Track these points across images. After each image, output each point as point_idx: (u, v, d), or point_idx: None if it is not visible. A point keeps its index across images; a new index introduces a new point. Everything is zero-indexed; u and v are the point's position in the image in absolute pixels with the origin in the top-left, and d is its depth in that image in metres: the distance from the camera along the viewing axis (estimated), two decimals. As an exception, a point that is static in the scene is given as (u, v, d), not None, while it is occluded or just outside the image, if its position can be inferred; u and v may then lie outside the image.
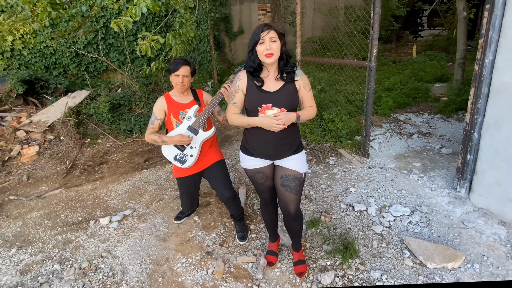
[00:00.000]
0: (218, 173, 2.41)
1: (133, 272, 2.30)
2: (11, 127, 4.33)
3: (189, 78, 2.31)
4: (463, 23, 5.08)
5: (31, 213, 3.10)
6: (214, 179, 2.42)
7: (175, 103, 2.35)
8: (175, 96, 2.38)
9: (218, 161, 2.45)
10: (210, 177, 2.45)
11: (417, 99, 5.45)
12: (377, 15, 3.05)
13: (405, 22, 10.92)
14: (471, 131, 2.64)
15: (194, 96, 2.41)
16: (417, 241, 2.31)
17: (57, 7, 2.84)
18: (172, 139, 2.25)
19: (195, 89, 2.47)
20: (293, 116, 1.76)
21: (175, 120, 2.34)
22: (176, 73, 2.25)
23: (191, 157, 2.34)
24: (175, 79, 2.28)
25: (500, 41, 2.33)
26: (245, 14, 8.19)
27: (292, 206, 1.97)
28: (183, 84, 2.28)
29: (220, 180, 2.40)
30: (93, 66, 6.38)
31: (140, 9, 2.47)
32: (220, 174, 2.41)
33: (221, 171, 2.43)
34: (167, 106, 2.35)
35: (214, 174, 2.42)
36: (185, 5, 3.11)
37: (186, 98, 2.39)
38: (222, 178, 2.41)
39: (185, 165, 2.35)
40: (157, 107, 2.36)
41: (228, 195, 2.38)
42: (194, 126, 2.30)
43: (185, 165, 2.35)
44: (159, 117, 2.35)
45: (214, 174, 2.42)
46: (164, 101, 2.35)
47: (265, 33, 1.69)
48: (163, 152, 2.39)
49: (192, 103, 2.38)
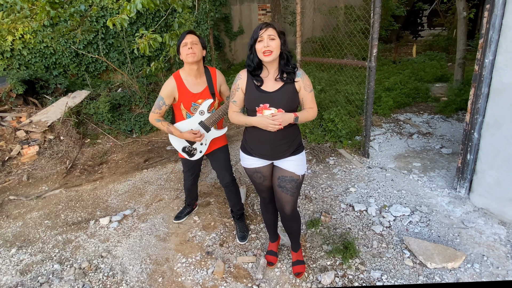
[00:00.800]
0: (221, 157, 2.44)
1: (133, 272, 2.30)
2: (11, 127, 4.32)
3: (199, 46, 2.11)
4: (463, 23, 5.08)
5: (31, 213, 3.10)
6: (217, 162, 2.44)
7: (187, 92, 2.17)
8: (187, 79, 2.18)
9: (222, 146, 2.46)
10: (213, 160, 2.46)
11: (417, 99, 5.45)
12: (377, 15, 3.05)
13: (405, 22, 10.92)
14: (471, 131, 2.64)
15: (207, 78, 2.23)
16: (417, 241, 2.31)
17: (56, 6, 2.84)
18: (182, 135, 2.18)
19: (207, 67, 2.27)
20: (290, 116, 1.75)
21: (185, 110, 2.22)
22: (184, 41, 2.07)
23: (200, 153, 2.36)
24: (184, 50, 2.07)
25: (500, 41, 2.33)
26: (245, 14, 8.19)
27: (287, 207, 1.97)
28: (193, 52, 2.06)
29: (222, 164, 2.43)
30: (93, 66, 6.37)
31: (135, 5, 2.45)
32: (223, 158, 2.44)
33: (224, 156, 2.45)
34: (178, 93, 2.16)
35: (217, 158, 2.44)
36: (182, 4, 3.10)
37: (198, 83, 2.20)
38: (224, 163, 2.44)
39: (192, 158, 2.38)
40: (166, 91, 2.16)
41: (228, 179, 2.42)
42: (206, 123, 2.24)
43: (192, 158, 2.38)
44: (168, 103, 2.19)
45: (217, 157, 2.44)
46: (175, 85, 2.16)
47: (263, 30, 1.68)
48: (171, 140, 2.35)
49: (206, 92, 2.21)
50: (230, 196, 2.50)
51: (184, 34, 2.12)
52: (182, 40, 2.10)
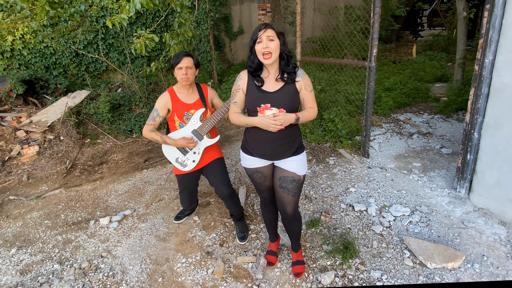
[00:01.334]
0: (217, 171, 2.42)
1: (133, 272, 2.30)
2: (11, 127, 4.32)
3: (193, 70, 2.24)
4: (463, 23, 5.08)
5: (31, 213, 3.10)
6: (213, 176, 2.43)
7: (180, 102, 2.29)
8: (180, 93, 2.31)
9: (217, 159, 2.45)
10: (209, 174, 2.45)
11: (417, 99, 5.45)
12: (377, 15, 3.05)
13: (405, 22, 10.92)
14: (471, 131, 2.64)
15: (199, 92, 2.35)
16: (417, 241, 2.31)
17: (56, 6, 2.84)
18: (176, 142, 2.23)
19: (199, 84, 2.40)
20: (292, 117, 1.75)
21: (178, 120, 2.30)
22: (179, 65, 2.18)
23: (193, 162, 2.36)
24: (179, 73, 2.20)
25: (500, 41, 2.33)
26: (245, 14, 8.19)
27: (289, 208, 1.97)
28: (187, 77, 2.20)
29: (219, 177, 2.41)
30: (93, 66, 6.38)
31: (134, 5, 2.46)
32: (219, 171, 2.42)
33: (220, 168, 2.44)
34: (172, 104, 2.27)
35: (213, 172, 2.43)
36: (180, 3, 3.10)
37: (191, 95, 2.32)
38: (221, 176, 2.42)
39: (186, 168, 2.37)
40: (161, 103, 2.27)
41: (226, 192, 2.40)
42: (199, 131, 2.28)
43: (186, 168, 2.37)
44: (162, 115, 2.29)
45: (213, 171, 2.43)
46: (169, 98, 2.27)
47: (262, 31, 1.69)
48: (164, 151, 2.37)
49: (198, 103, 2.32)
50: (230, 205, 2.50)
51: (181, 56, 2.19)
52: (178, 63, 2.19)
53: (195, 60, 2.26)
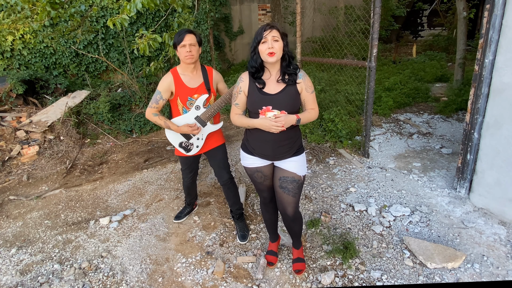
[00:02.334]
0: (219, 156, 2.46)
1: (133, 272, 2.30)
2: (11, 127, 4.33)
3: (196, 47, 2.18)
4: (463, 23, 5.08)
5: (31, 213, 3.10)
6: (215, 160, 2.46)
7: (184, 86, 2.22)
8: (184, 75, 2.24)
9: (220, 145, 2.47)
10: (212, 158, 2.48)
11: (417, 99, 5.45)
12: (377, 15, 3.05)
13: (405, 22, 10.92)
14: (471, 131, 2.64)
15: (203, 75, 2.29)
16: (417, 241, 2.31)
17: (56, 7, 2.85)
18: (179, 129, 2.23)
19: (205, 66, 2.34)
20: (293, 118, 1.76)
21: (181, 104, 2.26)
22: (183, 42, 2.11)
23: (197, 147, 2.38)
24: (183, 51, 2.13)
25: (500, 41, 2.33)
26: (245, 14, 8.19)
27: (290, 208, 1.97)
28: (191, 54, 2.13)
29: (220, 162, 2.45)
30: (93, 66, 6.38)
31: (135, 5, 2.46)
32: (221, 157, 2.46)
33: (223, 154, 2.47)
34: (175, 87, 2.21)
35: (215, 156, 2.46)
36: (182, 4, 3.11)
37: (195, 78, 2.26)
38: (222, 161, 2.46)
39: (189, 153, 2.39)
40: (164, 85, 2.21)
41: (226, 177, 2.45)
42: (202, 117, 2.27)
43: (189, 153, 2.39)
44: (165, 97, 2.23)
45: (215, 156, 2.46)
46: (172, 80, 2.21)
47: (268, 32, 1.69)
48: (167, 135, 2.37)
49: (202, 87, 2.26)
50: (229, 194, 2.52)
51: (183, 33, 2.13)
52: (181, 40, 2.13)
53: (197, 37, 2.20)
